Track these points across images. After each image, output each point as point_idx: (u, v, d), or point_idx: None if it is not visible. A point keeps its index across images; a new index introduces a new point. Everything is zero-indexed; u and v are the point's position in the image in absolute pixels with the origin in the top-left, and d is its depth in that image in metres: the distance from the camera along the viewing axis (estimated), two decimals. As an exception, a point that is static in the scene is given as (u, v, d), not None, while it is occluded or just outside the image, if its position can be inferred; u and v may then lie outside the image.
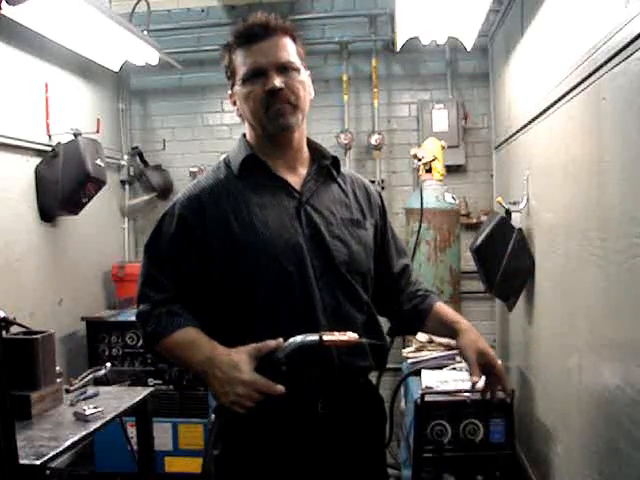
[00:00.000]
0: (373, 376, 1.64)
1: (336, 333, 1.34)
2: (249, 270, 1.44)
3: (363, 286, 1.54)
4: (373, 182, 4.08)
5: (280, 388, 1.32)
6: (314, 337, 1.32)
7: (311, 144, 1.60)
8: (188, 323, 1.45)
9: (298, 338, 1.33)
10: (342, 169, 1.62)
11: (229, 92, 1.55)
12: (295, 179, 1.53)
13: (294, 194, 1.50)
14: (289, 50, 1.47)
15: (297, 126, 1.50)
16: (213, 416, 1.50)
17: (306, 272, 1.44)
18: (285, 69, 1.45)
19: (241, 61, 1.47)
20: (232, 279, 1.45)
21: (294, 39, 1.50)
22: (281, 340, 1.35)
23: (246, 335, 1.41)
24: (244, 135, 1.58)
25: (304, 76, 1.51)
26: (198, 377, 1.39)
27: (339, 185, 1.59)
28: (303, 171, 1.55)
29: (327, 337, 1.32)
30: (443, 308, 1.69)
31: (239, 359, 1.34)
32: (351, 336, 1.34)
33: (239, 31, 1.48)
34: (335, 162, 1.60)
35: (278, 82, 1.43)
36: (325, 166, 1.58)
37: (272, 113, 1.45)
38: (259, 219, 1.45)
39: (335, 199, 1.55)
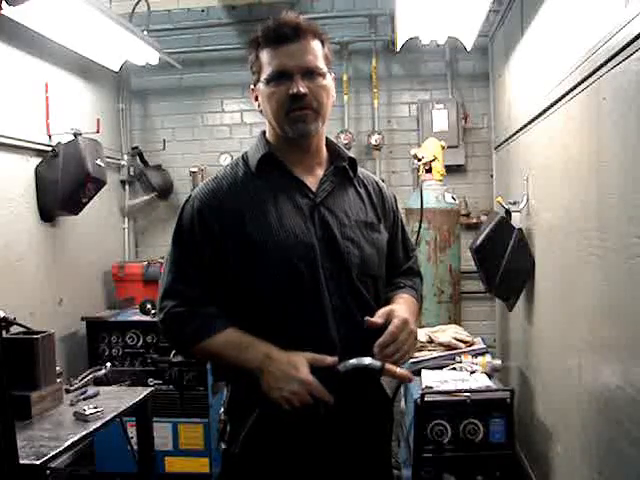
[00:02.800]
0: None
1: (398, 369, 1.40)
2: (261, 269, 1.44)
3: (374, 290, 1.54)
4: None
5: (331, 397, 1.35)
6: (377, 363, 1.38)
7: (330, 144, 1.59)
8: (230, 324, 1.46)
9: (364, 360, 1.38)
10: (358, 170, 1.61)
11: (251, 87, 1.53)
12: (311, 180, 1.52)
13: (309, 195, 1.50)
14: (317, 54, 1.46)
15: (316, 132, 1.49)
16: (222, 410, 1.51)
17: (317, 273, 1.44)
18: (311, 74, 1.44)
19: (267, 60, 1.45)
20: (244, 277, 1.46)
21: (322, 42, 1.49)
22: (336, 359, 1.38)
23: (256, 334, 1.42)
24: (264, 132, 1.57)
25: (328, 81, 1.49)
26: (250, 374, 1.41)
27: (355, 187, 1.58)
28: (320, 172, 1.55)
29: (388, 367, 1.38)
30: (401, 296, 1.60)
31: (298, 360, 1.37)
32: (409, 375, 1.43)
33: (268, 29, 1.45)
34: (352, 163, 1.59)
35: (302, 87, 1.41)
36: (341, 167, 1.57)
37: (293, 117, 1.44)
38: (274, 218, 1.45)
39: (350, 201, 1.55)
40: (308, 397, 1.34)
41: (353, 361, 1.38)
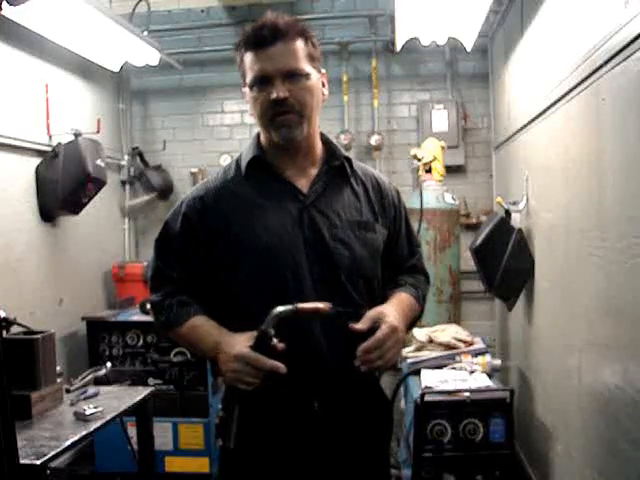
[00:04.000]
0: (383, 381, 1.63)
1: (311, 304, 1.35)
2: (246, 272, 1.45)
3: (368, 291, 1.51)
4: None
5: (273, 363, 1.32)
6: (290, 307, 1.34)
7: (326, 143, 1.57)
8: (198, 312, 1.49)
9: (278, 308, 1.33)
10: (357, 166, 1.58)
11: (243, 90, 1.52)
12: (303, 181, 1.51)
13: (299, 197, 1.48)
14: (298, 55, 1.43)
15: (302, 136, 1.47)
16: (220, 407, 1.52)
17: (302, 276, 1.43)
18: (292, 76, 1.42)
19: (249, 66, 1.44)
20: (231, 280, 1.46)
21: (306, 40, 1.45)
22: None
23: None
24: (259, 134, 1.55)
25: (314, 80, 1.46)
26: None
27: (351, 185, 1.55)
28: (313, 172, 1.53)
29: (302, 305, 1.34)
30: (396, 295, 1.57)
31: (236, 339, 1.38)
32: (325, 305, 1.35)
33: (248, 33, 1.44)
34: (347, 162, 1.56)
35: (282, 92, 1.40)
36: (336, 166, 1.54)
37: (277, 123, 1.43)
38: (259, 221, 1.45)
39: (344, 201, 1.52)
40: (249, 369, 1.32)
41: (269, 314, 1.33)
